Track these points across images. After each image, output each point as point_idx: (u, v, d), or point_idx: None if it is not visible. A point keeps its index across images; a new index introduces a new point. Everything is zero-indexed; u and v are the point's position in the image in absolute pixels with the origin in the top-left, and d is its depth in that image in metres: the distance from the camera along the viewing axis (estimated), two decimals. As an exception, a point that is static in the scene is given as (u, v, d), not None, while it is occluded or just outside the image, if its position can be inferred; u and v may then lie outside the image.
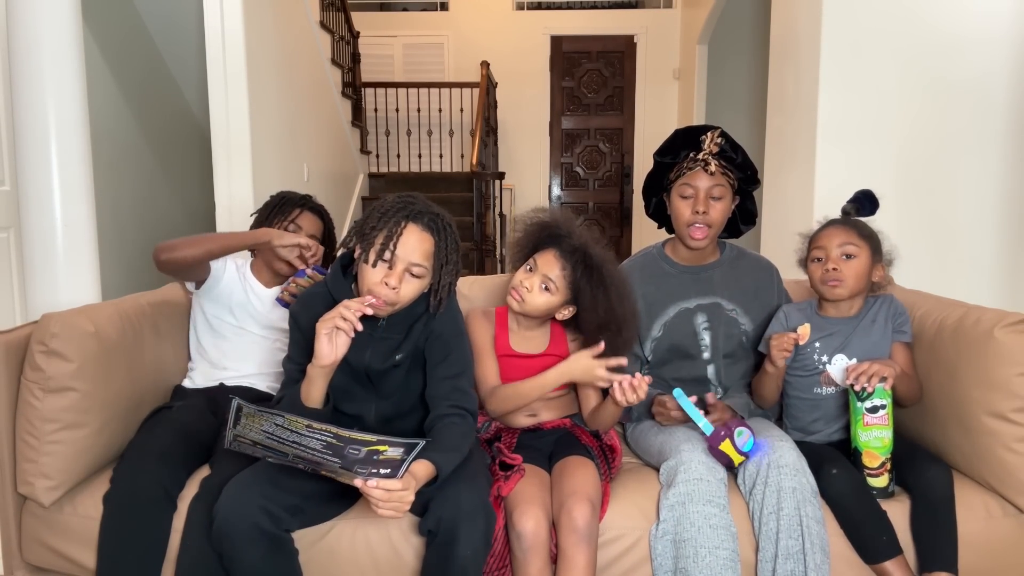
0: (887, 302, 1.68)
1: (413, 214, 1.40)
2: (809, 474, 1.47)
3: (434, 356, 1.50)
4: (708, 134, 1.70)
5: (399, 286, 1.38)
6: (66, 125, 2.13)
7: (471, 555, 1.29)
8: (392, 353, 1.48)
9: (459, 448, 1.40)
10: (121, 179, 3.87)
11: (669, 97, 6.82)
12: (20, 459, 1.52)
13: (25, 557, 1.58)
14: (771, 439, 1.52)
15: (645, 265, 1.83)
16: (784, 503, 1.41)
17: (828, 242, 1.64)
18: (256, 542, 1.27)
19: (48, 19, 2.08)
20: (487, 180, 5.01)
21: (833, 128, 2.98)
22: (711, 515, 1.42)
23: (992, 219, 2.95)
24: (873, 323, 1.66)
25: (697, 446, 1.52)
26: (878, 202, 1.66)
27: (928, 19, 2.90)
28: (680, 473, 1.47)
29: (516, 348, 1.70)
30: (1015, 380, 1.49)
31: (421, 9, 7.06)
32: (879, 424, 1.50)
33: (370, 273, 1.39)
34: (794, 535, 1.39)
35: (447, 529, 1.29)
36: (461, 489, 1.32)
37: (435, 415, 1.46)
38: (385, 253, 1.37)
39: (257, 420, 1.23)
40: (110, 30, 3.75)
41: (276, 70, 3.79)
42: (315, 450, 1.21)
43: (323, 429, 1.20)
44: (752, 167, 1.74)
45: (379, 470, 1.20)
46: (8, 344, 1.52)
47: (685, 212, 1.71)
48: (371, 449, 1.19)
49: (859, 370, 1.51)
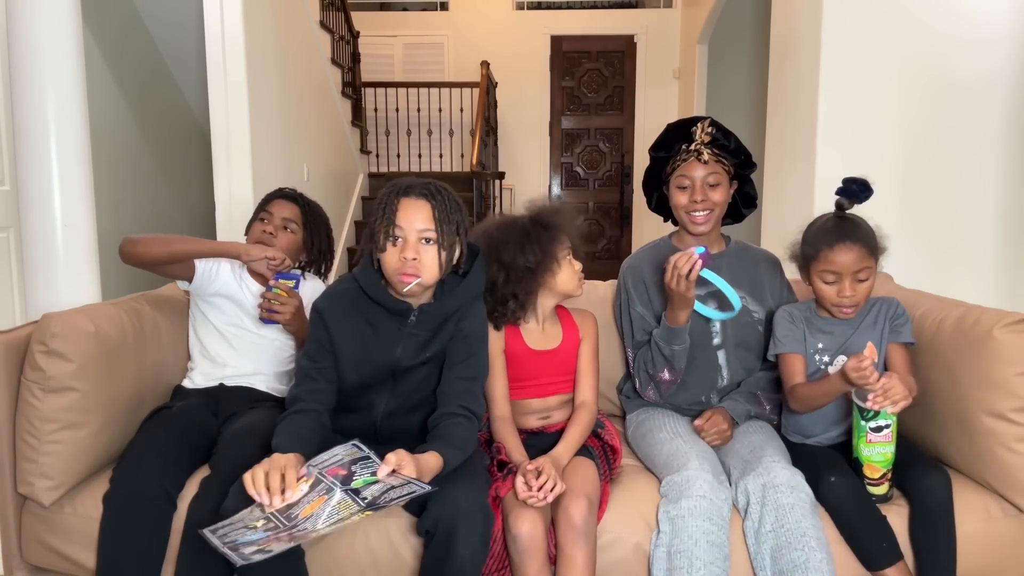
0: (887, 304, 1.67)
1: (402, 189, 1.45)
2: (806, 488, 1.46)
3: (456, 354, 1.51)
4: (698, 124, 1.72)
5: (418, 255, 1.41)
6: (66, 125, 2.13)
7: (469, 555, 1.29)
8: (422, 350, 1.50)
9: (463, 448, 1.41)
10: (121, 179, 3.87)
11: (669, 97, 6.82)
12: (20, 459, 1.52)
13: (25, 557, 1.58)
14: (764, 458, 1.51)
15: (654, 255, 1.84)
16: (784, 519, 1.40)
17: (843, 266, 1.56)
18: None
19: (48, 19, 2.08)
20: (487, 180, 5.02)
21: (833, 128, 2.98)
22: (710, 531, 1.41)
23: (992, 219, 2.95)
24: (874, 324, 1.65)
25: (705, 464, 1.52)
26: (871, 188, 1.57)
27: (928, 19, 2.90)
28: (686, 489, 1.46)
29: (533, 346, 1.69)
30: (1014, 380, 1.48)
31: (421, 9, 7.06)
32: (882, 441, 1.48)
33: (387, 257, 1.43)
34: (798, 547, 1.38)
35: (445, 528, 1.29)
36: (460, 489, 1.32)
37: (443, 412, 1.46)
38: (392, 231, 1.42)
39: (236, 532, 1.19)
40: (110, 30, 3.75)
41: (276, 70, 3.79)
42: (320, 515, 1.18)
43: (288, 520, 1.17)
44: (746, 151, 1.76)
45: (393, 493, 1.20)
46: (8, 344, 1.53)
47: (683, 201, 1.73)
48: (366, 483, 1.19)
49: (886, 393, 1.42)
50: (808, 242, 1.63)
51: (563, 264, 1.66)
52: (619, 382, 1.98)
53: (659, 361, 1.70)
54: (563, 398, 1.72)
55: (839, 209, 1.62)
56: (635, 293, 1.81)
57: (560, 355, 1.71)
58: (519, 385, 1.68)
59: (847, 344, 1.65)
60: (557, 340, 1.71)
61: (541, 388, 1.70)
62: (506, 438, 1.60)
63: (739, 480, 1.51)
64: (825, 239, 1.58)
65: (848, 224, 1.59)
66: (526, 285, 1.63)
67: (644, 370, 1.75)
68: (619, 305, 1.88)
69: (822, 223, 1.63)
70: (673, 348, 1.67)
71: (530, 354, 1.68)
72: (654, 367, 1.72)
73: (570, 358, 1.72)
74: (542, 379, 1.69)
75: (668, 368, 1.70)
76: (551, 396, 1.71)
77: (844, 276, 1.57)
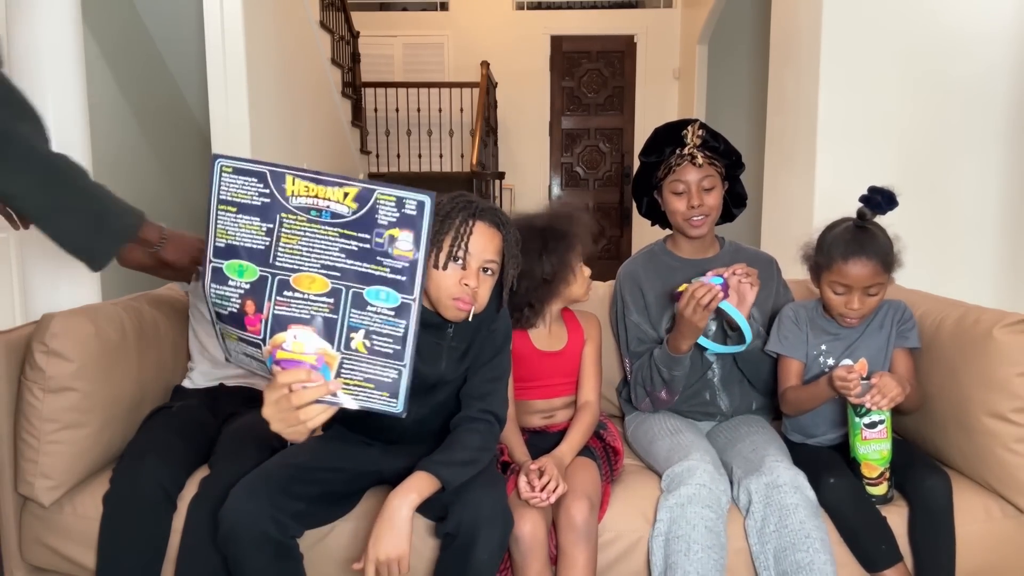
0: (894, 307, 1.64)
1: (478, 212, 1.37)
2: (808, 488, 1.45)
3: (483, 354, 1.47)
4: (689, 128, 1.69)
5: (477, 285, 1.35)
6: (66, 125, 2.12)
7: (487, 559, 1.28)
8: (461, 361, 1.47)
9: (475, 460, 1.37)
10: (121, 179, 3.87)
11: (669, 97, 6.83)
12: (20, 459, 1.52)
13: (25, 557, 1.58)
14: (767, 457, 1.50)
15: (649, 261, 1.83)
16: (788, 520, 1.40)
17: (855, 280, 1.53)
18: (263, 548, 1.27)
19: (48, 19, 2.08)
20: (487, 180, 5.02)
21: (833, 128, 2.98)
22: (709, 518, 1.41)
23: (992, 219, 2.95)
24: (880, 328, 1.64)
25: (706, 456, 1.52)
26: (896, 199, 1.52)
27: (928, 18, 2.90)
28: (687, 477, 1.46)
29: (540, 347, 1.69)
30: (1015, 380, 1.48)
31: (421, 9, 7.06)
32: (878, 438, 1.48)
33: (444, 277, 1.33)
34: (802, 548, 1.38)
35: (466, 532, 1.28)
36: (482, 494, 1.32)
37: (464, 415, 1.44)
38: (457, 252, 1.33)
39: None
40: (110, 30, 3.75)
41: (276, 70, 3.79)
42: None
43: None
44: (736, 152, 1.74)
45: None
46: (8, 344, 1.52)
47: (680, 207, 1.71)
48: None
49: (879, 390, 1.44)
50: (823, 250, 1.58)
51: (578, 274, 1.67)
52: (619, 384, 1.98)
53: (657, 381, 1.69)
54: (567, 399, 1.72)
55: (860, 218, 1.57)
56: (630, 301, 1.79)
57: (565, 357, 1.71)
58: (524, 386, 1.69)
59: (853, 347, 1.64)
60: (563, 342, 1.71)
61: (546, 389, 1.70)
62: (509, 438, 1.60)
63: (741, 479, 1.51)
64: (840, 250, 1.54)
65: (866, 236, 1.54)
66: (542, 294, 1.63)
67: (641, 386, 1.74)
68: (615, 312, 1.87)
69: (840, 232, 1.57)
70: (673, 374, 1.66)
71: (537, 355, 1.68)
72: (652, 385, 1.70)
73: (575, 360, 1.72)
74: (547, 380, 1.70)
75: (666, 389, 1.69)
76: (556, 397, 1.71)
77: (854, 289, 1.54)
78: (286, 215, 1.06)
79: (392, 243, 1.07)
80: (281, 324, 1.06)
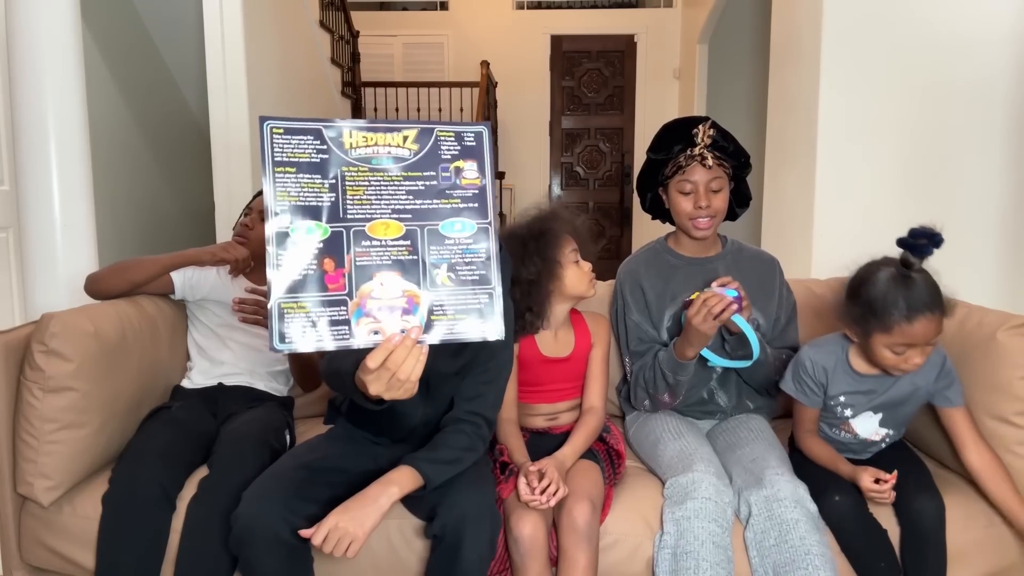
0: (930, 359, 1.46)
1: None
2: (809, 501, 1.44)
3: (481, 355, 1.47)
4: (700, 127, 1.66)
5: None
6: (66, 125, 2.12)
7: (476, 559, 1.29)
8: (456, 357, 1.44)
9: (459, 460, 1.38)
10: (120, 179, 3.87)
11: (669, 97, 6.82)
12: (19, 459, 1.51)
13: (24, 557, 1.57)
14: (767, 469, 1.48)
15: (650, 260, 1.82)
16: (788, 535, 1.39)
17: (922, 339, 1.39)
18: (276, 551, 1.27)
19: (48, 19, 2.07)
20: (487, 180, 5.01)
21: (833, 128, 2.97)
22: (715, 533, 1.40)
23: (993, 219, 2.95)
24: (913, 387, 1.49)
25: (710, 466, 1.50)
26: (940, 236, 1.43)
27: (929, 19, 2.90)
28: (692, 491, 1.45)
29: (546, 353, 1.68)
30: (1018, 383, 1.48)
31: (421, 9, 7.06)
32: None
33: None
34: (802, 566, 1.36)
35: (453, 533, 1.29)
36: (467, 494, 1.32)
37: (453, 415, 1.44)
38: None
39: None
40: (110, 30, 3.75)
41: (276, 70, 3.78)
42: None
43: None
44: (745, 153, 1.72)
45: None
46: (8, 344, 1.52)
47: (687, 207, 1.68)
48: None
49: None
50: (874, 310, 1.41)
51: (568, 267, 1.64)
52: (619, 383, 1.97)
53: (661, 385, 1.67)
54: (572, 403, 1.72)
55: (905, 267, 1.42)
56: (631, 300, 1.77)
57: (572, 362, 1.70)
58: (529, 390, 1.68)
59: (878, 403, 1.53)
60: (570, 347, 1.70)
61: (551, 394, 1.70)
62: (509, 440, 1.59)
63: (742, 490, 1.49)
64: (902, 311, 1.37)
65: (921, 288, 1.39)
66: (536, 296, 1.62)
67: (643, 387, 1.72)
68: (615, 312, 1.84)
69: (888, 285, 1.40)
70: (678, 379, 1.64)
71: (543, 361, 1.67)
72: (655, 388, 1.69)
73: (581, 364, 1.71)
74: (553, 385, 1.69)
75: (669, 393, 1.68)
76: (560, 401, 1.70)
77: (917, 346, 1.40)
78: (347, 168, 1.08)
79: (459, 174, 1.12)
80: (366, 274, 1.07)
